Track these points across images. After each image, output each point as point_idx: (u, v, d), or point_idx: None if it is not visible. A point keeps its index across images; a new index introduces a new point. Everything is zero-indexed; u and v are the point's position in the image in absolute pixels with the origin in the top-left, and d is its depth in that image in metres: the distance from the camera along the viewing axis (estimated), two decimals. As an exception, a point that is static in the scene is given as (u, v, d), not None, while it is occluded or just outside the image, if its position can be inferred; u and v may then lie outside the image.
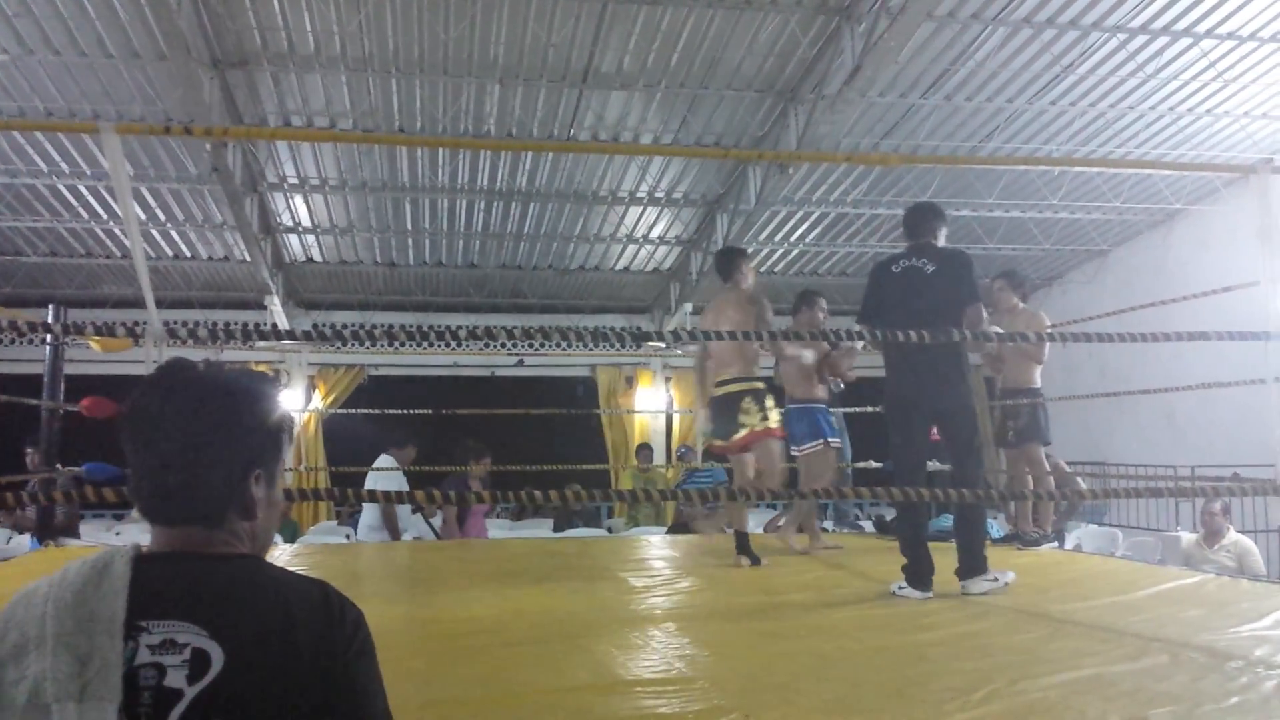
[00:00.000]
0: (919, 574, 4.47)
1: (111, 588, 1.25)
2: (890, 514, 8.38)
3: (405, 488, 7.59)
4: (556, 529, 9.92)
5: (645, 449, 11.95)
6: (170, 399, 1.38)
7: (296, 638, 1.27)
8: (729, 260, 5.84)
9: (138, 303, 11.98)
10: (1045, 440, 6.52)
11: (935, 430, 4.87)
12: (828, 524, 8.30)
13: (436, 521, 9.32)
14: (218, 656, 1.23)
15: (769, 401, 5.61)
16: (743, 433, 5.53)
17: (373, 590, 4.80)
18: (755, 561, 5.45)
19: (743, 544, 5.52)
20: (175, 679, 1.21)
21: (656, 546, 6.87)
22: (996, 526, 7.08)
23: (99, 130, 3.80)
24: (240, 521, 1.41)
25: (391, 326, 12.90)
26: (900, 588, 4.47)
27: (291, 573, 1.39)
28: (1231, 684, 2.85)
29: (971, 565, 4.53)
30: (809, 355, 6.09)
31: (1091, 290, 12.64)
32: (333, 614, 1.33)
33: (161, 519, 1.38)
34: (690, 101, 8.99)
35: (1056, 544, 6.74)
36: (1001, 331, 5.86)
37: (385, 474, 7.88)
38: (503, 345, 13.18)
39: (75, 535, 7.55)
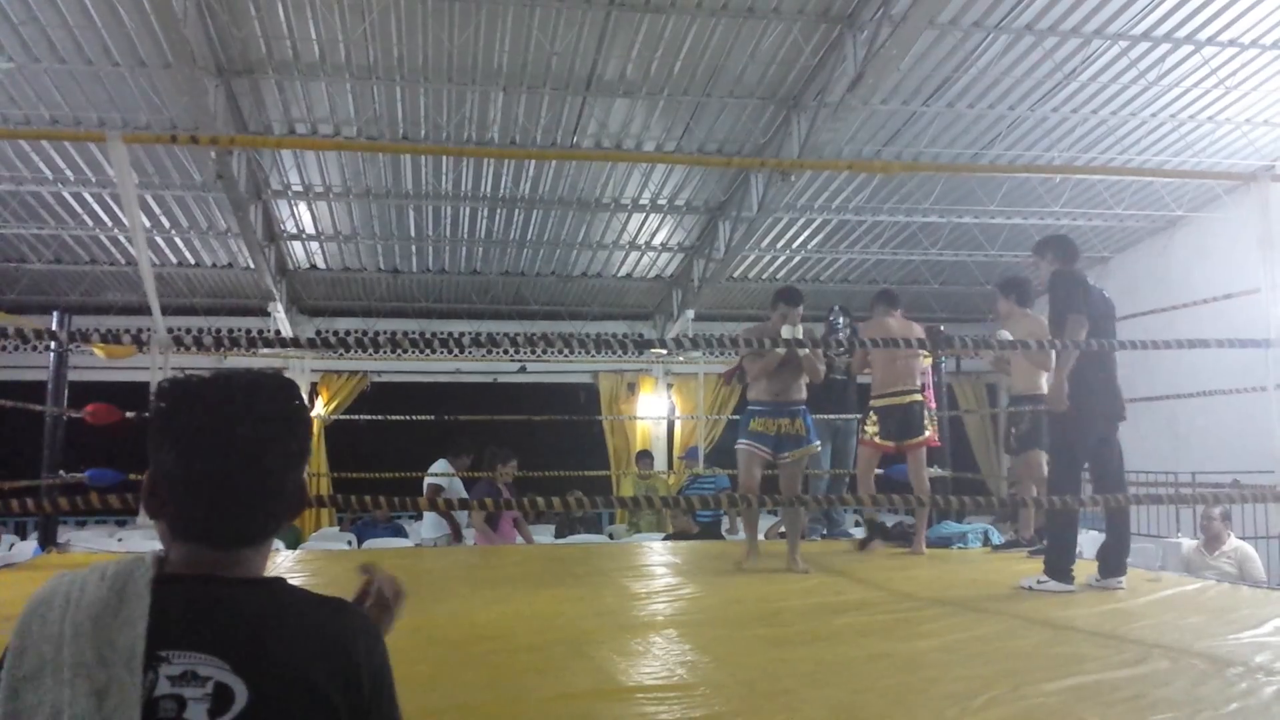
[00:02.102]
0: (1063, 568, 4.80)
1: (131, 614, 1.21)
2: (891, 520, 8.40)
3: (460, 492, 8.24)
4: (558, 535, 9.94)
5: (646, 456, 11.96)
6: (260, 419, 1.33)
7: (322, 675, 1.25)
8: (895, 296, 6.92)
9: (142, 309, 12.02)
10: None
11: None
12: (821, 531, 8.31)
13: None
14: (241, 693, 1.19)
15: None
16: (926, 434, 6.53)
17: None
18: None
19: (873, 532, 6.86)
20: (196, 712, 1.18)
21: (658, 553, 6.89)
22: (996, 533, 7.09)
23: (106, 139, 3.83)
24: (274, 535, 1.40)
25: (395, 333, 12.91)
26: (1040, 581, 4.79)
27: (312, 595, 1.36)
28: (1231, 690, 2.86)
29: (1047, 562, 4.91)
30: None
31: (1093, 297, 12.64)
32: (357, 647, 1.30)
33: (219, 541, 1.32)
34: (693, 109, 9.02)
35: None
36: (1011, 338, 5.97)
37: (438, 477, 8.28)
38: (505, 352, 13.19)
39: None
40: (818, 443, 5.97)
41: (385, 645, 1.37)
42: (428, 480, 8.21)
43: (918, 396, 6.54)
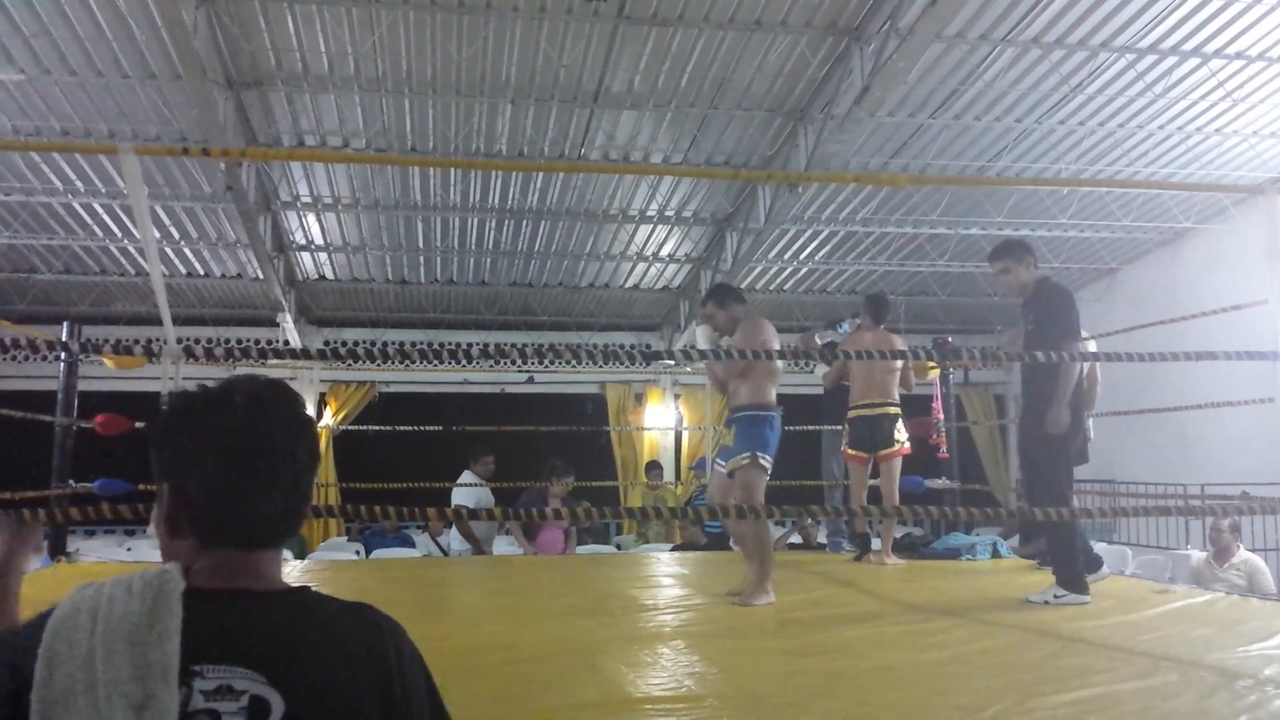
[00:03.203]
0: (1080, 580, 4.78)
1: (165, 629, 1.21)
2: (899, 532, 8.38)
3: (486, 501, 8.13)
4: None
5: (655, 466, 11.95)
6: (285, 420, 1.36)
7: (355, 682, 1.26)
8: (886, 306, 6.92)
9: (151, 320, 12.04)
10: None
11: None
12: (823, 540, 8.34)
13: (444, 540, 9.35)
14: (278, 705, 1.20)
15: None
16: (895, 447, 6.50)
17: (384, 607, 4.81)
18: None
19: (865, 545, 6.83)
20: None
21: (665, 564, 6.88)
22: (1005, 545, 7.07)
23: (119, 151, 3.85)
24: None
25: (403, 344, 12.96)
26: (1058, 595, 4.72)
27: (339, 602, 1.37)
28: (1240, 703, 2.86)
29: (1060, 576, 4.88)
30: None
31: (1101, 308, 12.63)
32: (386, 650, 1.33)
33: (251, 542, 1.34)
34: (700, 121, 9.04)
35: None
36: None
37: (463, 489, 8.22)
38: (513, 362, 13.22)
39: None
40: (743, 455, 4.99)
41: (414, 644, 1.39)
42: (456, 500, 8.16)
43: (891, 409, 6.52)
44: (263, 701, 1.19)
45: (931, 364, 7.33)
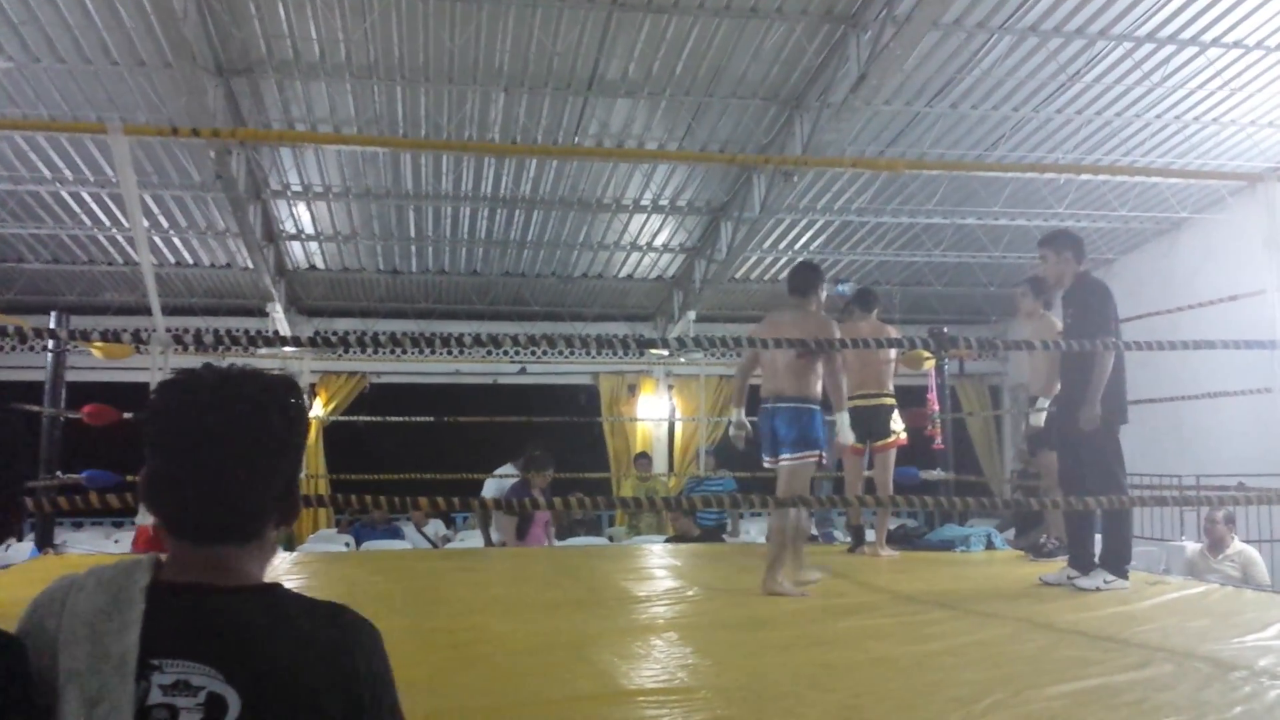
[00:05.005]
0: (1126, 566, 4.95)
1: (124, 621, 1.20)
2: (894, 523, 8.37)
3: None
4: (558, 537, 9.91)
5: (643, 458, 11.90)
6: (220, 411, 1.30)
7: (318, 684, 1.23)
8: (873, 297, 7.00)
9: (139, 309, 11.95)
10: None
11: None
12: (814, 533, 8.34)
13: (430, 530, 9.34)
14: (234, 704, 1.18)
15: None
16: (891, 439, 6.59)
17: (376, 599, 4.79)
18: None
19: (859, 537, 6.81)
20: None
21: (658, 556, 6.86)
22: (999, 537, 7.05)
23: (108, 131, 3.81)
24: (272, 531, 1.37)
25: (394, 333, 12.88)
26: (1108, 580, 4.84)
27: (309, 602, 1.34)
28: (1235, 694, 2.85)
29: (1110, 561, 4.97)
30: None
31: (1096, 299, 12.61)
32: (355, 654, 1.29)
33: (200, 537, 1.31)
34: (695, 109, 8.99)
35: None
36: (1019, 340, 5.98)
37: (494, 481, 8.40)
38: (505, 353, 13.17)
39: None
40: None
41: (385, 652, 1.35)
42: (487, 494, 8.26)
43: (887, 400, 6.57)
44: (220, 699, 1.18)
45: (928, 355, 7.31)
